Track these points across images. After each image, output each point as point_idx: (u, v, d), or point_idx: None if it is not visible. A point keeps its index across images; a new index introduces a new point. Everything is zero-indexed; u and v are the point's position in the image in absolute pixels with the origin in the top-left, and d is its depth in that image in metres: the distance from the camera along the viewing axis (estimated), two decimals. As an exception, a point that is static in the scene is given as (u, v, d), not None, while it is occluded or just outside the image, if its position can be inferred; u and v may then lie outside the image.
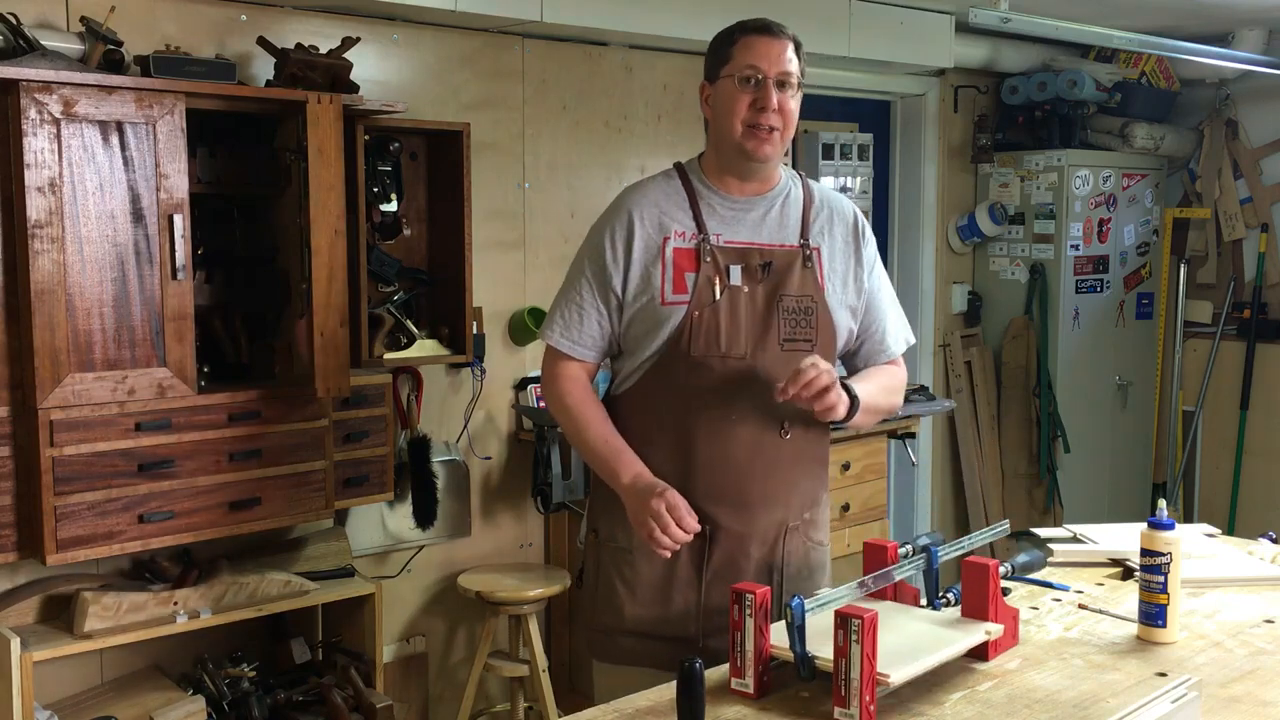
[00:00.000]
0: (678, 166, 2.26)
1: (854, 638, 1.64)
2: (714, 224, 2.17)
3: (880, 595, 1.96)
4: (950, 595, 1.93)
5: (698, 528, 2.05)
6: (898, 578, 1.95)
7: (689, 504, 2.07)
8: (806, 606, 1.71)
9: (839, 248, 2.25)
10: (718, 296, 2.12)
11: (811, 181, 2.31)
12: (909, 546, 1.99)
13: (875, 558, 1.98)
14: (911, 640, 1.81)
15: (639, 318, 2.15)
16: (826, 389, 2.01)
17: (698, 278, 2.13)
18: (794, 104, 2.16)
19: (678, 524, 2.01)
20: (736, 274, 2.14)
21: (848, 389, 2.10)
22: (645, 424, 2.17)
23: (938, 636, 1.83)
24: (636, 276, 2.15)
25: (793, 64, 2.15)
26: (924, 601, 1.98)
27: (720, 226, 2.17)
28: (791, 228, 2.21)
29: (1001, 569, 1.96)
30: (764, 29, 2.16)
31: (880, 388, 2.24)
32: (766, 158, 2.16)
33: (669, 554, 2.06)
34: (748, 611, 1.74)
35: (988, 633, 1.87)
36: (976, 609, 1.90)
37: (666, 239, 2.15)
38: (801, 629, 1.70)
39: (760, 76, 2.12)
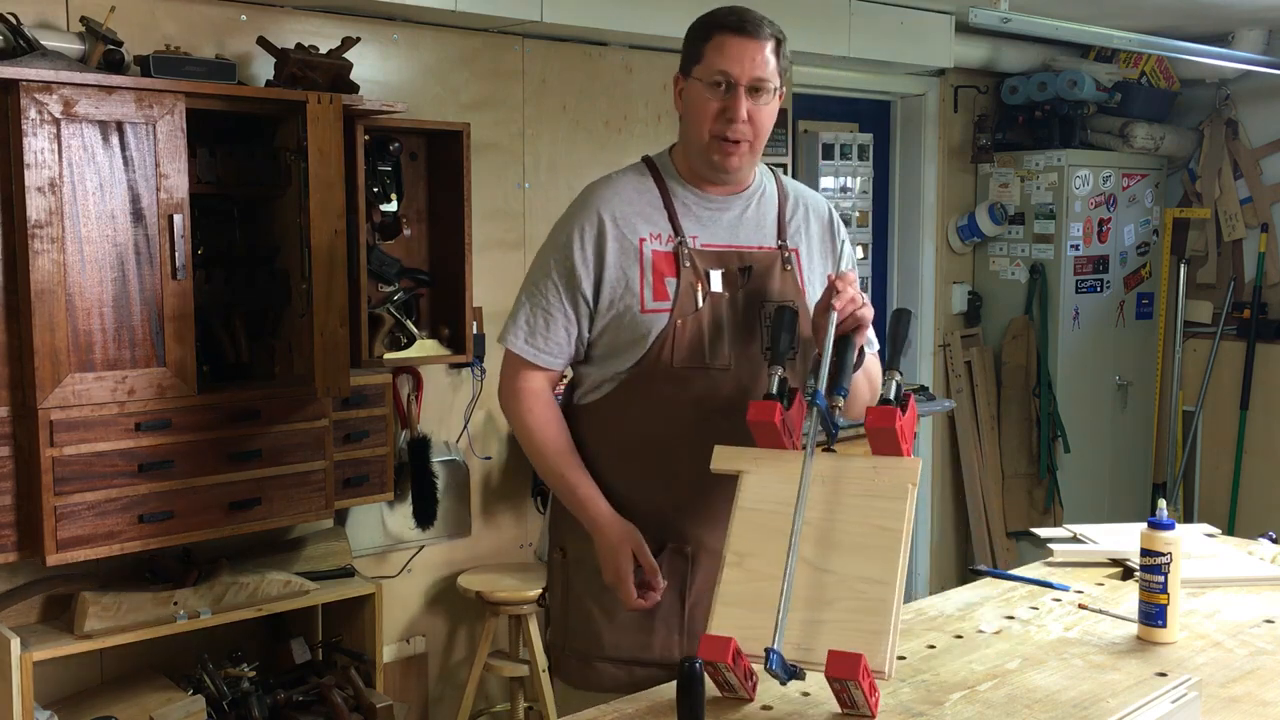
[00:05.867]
0: (647, 161, 2.12)
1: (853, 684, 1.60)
2: (689, 224, 2.04)
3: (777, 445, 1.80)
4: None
5: (663, 585, 2.00)
6: None
7: (671, 523, 2.03)
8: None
9: (816, 248, 2.15)
10: (700, 304, 1.99)
11: (785, 178, 2.19)
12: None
13: (767, 435, 1.80)
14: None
15: (614, 325, 2.01)
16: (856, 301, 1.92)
17: (679, 283, 1.99)
18: (768, 111, 2.00)
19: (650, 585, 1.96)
20: (716, 279, 2.01)
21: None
22: (619, 438, 2.05)
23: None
24: (611, 281, 2.00)
25: (769, 67, 1.97)
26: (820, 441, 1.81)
27: (696, 228, 2.04)
28: (769, 228, 2.10)
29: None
30: (739, 27, 1.96)
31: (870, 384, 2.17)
32: (733, 170, 2.03)
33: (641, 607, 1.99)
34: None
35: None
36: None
37: (643, 240, 2.01)
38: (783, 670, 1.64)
39: (730, 83, 1.96)
